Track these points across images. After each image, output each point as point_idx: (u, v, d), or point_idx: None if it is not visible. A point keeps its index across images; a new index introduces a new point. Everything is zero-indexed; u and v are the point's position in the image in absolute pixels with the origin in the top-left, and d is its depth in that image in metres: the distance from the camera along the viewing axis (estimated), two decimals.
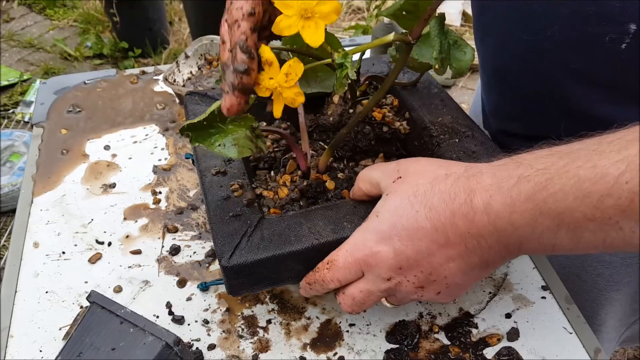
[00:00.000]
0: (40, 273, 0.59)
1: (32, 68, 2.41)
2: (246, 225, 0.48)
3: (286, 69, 0.42)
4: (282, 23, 0.41)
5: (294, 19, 0.41)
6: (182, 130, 0.45)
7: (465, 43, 0.50)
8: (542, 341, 0.53)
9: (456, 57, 0.48)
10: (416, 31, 0.44)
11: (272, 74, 0.42)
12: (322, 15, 0.40)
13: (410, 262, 0.41)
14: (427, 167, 0.43)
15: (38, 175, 0.71)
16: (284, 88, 0.42)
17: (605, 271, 0.65)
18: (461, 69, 0.48)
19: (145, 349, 0.44)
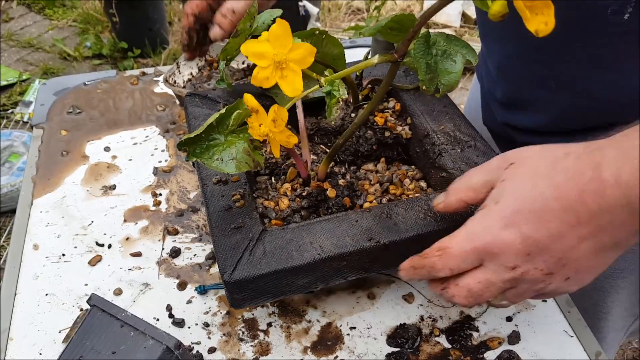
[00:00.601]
0: (40, 275, 0.59)
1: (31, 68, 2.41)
2: (248, 238, 0.47)
3: (272, 115, 0.42)
4: (259, 75, 0.42)
5: (270, 70, 0.41)
6: (180, 145, 0.46)
7: (456, 50, 0.46)
8: (543, 344, 0.53)
9: (446, 69, 0.46)
10: (401, 50, 0.44)
11: (261, 120, 0.43)
12: (297, 61, 0.41)
13: (540, 246, 0.38)
14: (542, 150, 0.41)
15: (38, 177, 0.71)
16: (275, 133, 0.43)
17: None
18: (451, 84, 0.46)
19: (146, 353, 0.44)
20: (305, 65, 0.41)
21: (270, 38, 0.41)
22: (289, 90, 0.42)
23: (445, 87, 0.45)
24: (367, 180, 0.58)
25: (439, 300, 0.56)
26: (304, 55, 0.41)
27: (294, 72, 0.41)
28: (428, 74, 0.45)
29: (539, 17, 0.33)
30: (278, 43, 0.41)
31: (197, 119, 0.62)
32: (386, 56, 0.44)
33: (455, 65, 0.45)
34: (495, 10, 0.34)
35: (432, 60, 0.45)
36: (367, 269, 0.49)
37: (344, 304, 0.56)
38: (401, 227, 0.48)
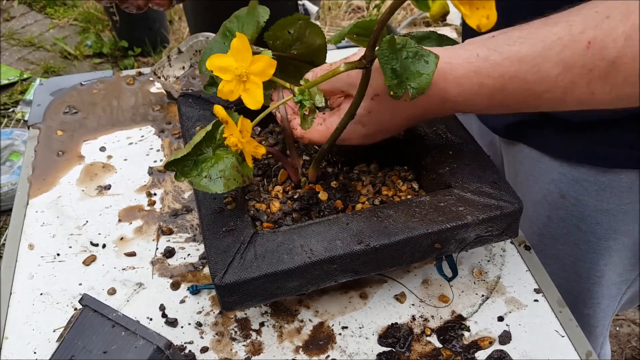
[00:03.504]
0: (35, 275, 0.60)
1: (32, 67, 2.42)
2: (239, 241, 0.48)
3: (239, 126, 0.44)
4: (224, 88, 0.43)
5: (234, 83, 0.42)
6: (167, 166, 0.46)
7: (428, 52, 0.45)
8: (534, 344, 0.53)
9: (417, 71, 0.45)
10: (368, 55, 0.44)
11: (231, 131, 0.44)
12: (258, 74, 0.42)
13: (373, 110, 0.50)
14: None
15: (34, 177, 0.71)
16: (244, 143, 0.44)
17: (603, 219, 0.66)
18: (422, 86, 0.45)
19: (136, 353, 0.44)
20: (267, 76, 0.42)
21: (232, 52, 0.42)
22: (251, 103, 0.42)
23: (416, 90, 0.45)
24: (360, 181, 0.58)
25: (430, 300, 0.57)
26: (264, 68, 0.42)
27: (255, 84, 0.42)
28: (394, 79, 0.44)
29: (480, 11, 0.33)
30: (239, 57, 0.42)
31: (190, 120, 0.63)
32: (352, 63, 0.44)
33: (427, 66, 0.45)
34: (435, 11, 0.34)
35: (398, 64, 0.44)
36: (358, 271, 0.49)
37: (336, 303, 0.56)
38: (391, 230, 0.48)
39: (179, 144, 0.76)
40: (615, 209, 0.65)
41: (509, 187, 0.53)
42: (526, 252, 0.61)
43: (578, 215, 0.67)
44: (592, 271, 0.71)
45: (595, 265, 0.70)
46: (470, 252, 0.61)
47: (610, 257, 0.69)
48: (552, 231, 0.70)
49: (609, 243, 0.68)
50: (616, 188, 0.63)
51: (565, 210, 0.68)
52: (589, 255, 0.70)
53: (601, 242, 0.68)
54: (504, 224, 0.51)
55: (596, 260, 0.70)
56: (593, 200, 0.65)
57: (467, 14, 0.33)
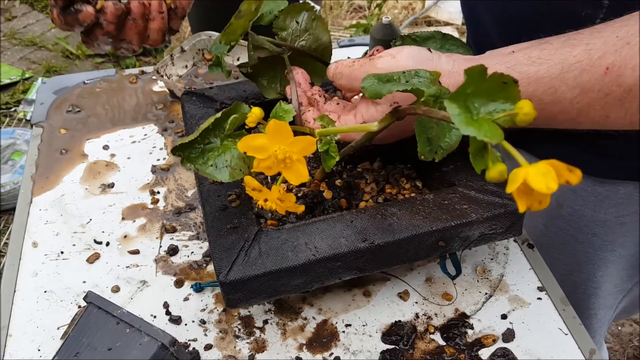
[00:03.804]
0: (39, 273, 0.60)
1: (34, 66, 2.42)
2: (243, 238, 0.48)
3: (277, 194, 0.43)
4: (261, 165, 0.42)
5: (271, 160, 0.41)
6: (174, 151, 0.46)
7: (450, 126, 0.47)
8: (538, 342, 0.53)
9: (448, 125, 0.46)
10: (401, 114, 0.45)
11: (265, 197, 0.44)
12: (299, 152, 0.41)
13: None
14: None
15: (37, 175, 0.71)
16: (282, 207, 0.44)
17: (600, 230, 0.66)
18: (451, 145, 0.47)
19: (141, 350, 0.45)
20: (308, 152, 0.41)
21: (268, 134, 0.41)
22: (294, 179, 0.42)
23: (444, 150, 0.47)
24: (364, 179, 0.58)
25: (434, 298, 0.57)
26: (306, 146, 0.41)
27: (298, 162, 0.41)
28: (427, 147, 0.46)
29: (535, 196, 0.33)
30: (277, 139, 0.40)
31: (194, 118, 0.63)
32: (385, 120, 0.45)
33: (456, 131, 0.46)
34: (492, 176, 0.35)
35: (432, 133, 0.46)
36: (362, 269, 0.50)
37: (340, 301, 0.56)
38: (395, 228, 0.49)
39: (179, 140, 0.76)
40: (613, 221, 0.65)
41: None
42: (529, 250, 0.62)
43: (575, 225, 0.67)
44: (588, 282, 0.71)
45: (591, 276, 0.70)
46: (473, 251, 0.61)
47: (607, 268, 0.69)
48: (549, 240, 0.70)
49: (606, 254, 0.68)
50: (614, 199, 0.63)
51: (562, 219, 0.68)
52: (585, 266, 0.70)
53: (598, 253, 0.68)
54: (508, 222, 0.51)
55: (593, 271, 0.70)
56: (590, 211, 0.65)
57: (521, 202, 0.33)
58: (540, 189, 0.31)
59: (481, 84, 0.35)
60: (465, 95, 0.36)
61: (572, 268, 0.70)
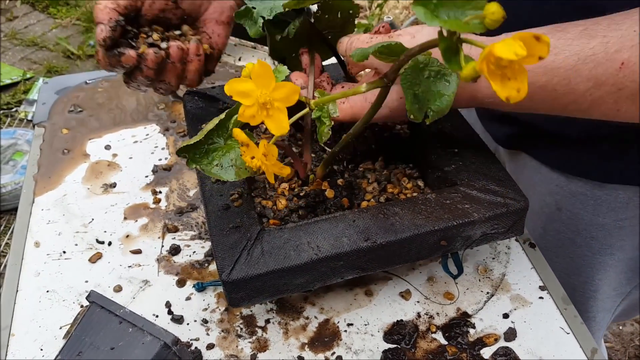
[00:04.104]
0: (41, 272, 0.60)
1: (35, 66, 2.42)
2: (246, 238, 0.48)
3: (262, 150, 0.43)
4: (245, 113, 0.41)
5: (255, 108, 0.41)
6: (179, 152, 0.46)
7: (450, 71, 0.45)
8: (539, 341, 0.53)
9: (438, 91, 0.45)
10: (390, 76, 0.44)
11: (252, 153, 0.43)
12: (282, 100, 0.41)
13: None
14: None
15: (39, 175, 0.72)
16: (268, 165, 0.43)
17: (598, 234, 0.66)
18: (441, 109, 0.45)
19: (143, 349, 0.45)
20: (290, 102, 0.41)
21: (253, 78, 0.40)
22: (275, 128, 0.41)
23: (435, 113, 0.45)
24: (365, 179, 0.58)
25: (435, 298, 0.57)
26: (288, 94, 0.40)
27: (279, 110, 0.41)
28: (415, 104, 0.45)
29: (512, 82, 0.32)
30: (261, 83, 0.40)
31: (196, 118, 0.63)
32: (375, 82, 0.44)
33: (448, 86, 0.44)
34: (466, 74, 0.34)
35: (419, 89, 0.45)
36: (364, 268, 0.50)
37: (342, 300, 0.57)
38: (397, 227, 0.49)
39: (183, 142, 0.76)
40: (611, 224, 0.65)
41: (514, 184, 0.53)
42: (531, 249, 0.62)
43: (573, 228, 0.67)
44: (587, 285, 0.71)
45: (590, 279, 0.70)
46: (475, 250, 0.61)
47: (606, 272, 0.69)
48: (547, 243, 0.70)
49: (604, 258, 0.68)
50: (613, 203, 0.63)
51: (561, 223, 0.68)
52: (584, 270, 0.70)
53: (596, 257, 0.68)
54: (510, 221, 0.51)
55: (591, 274, 0.70)
56: (589, 215, 0.65)
57: (498, 87, 0.32)
58: (507, 56, 0.30)
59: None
60: (431, 3, 0.35)
61: (570, 271, 0.70)
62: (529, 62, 0.31)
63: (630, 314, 0.78)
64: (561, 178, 0.66)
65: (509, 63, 0.31)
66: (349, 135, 0.50)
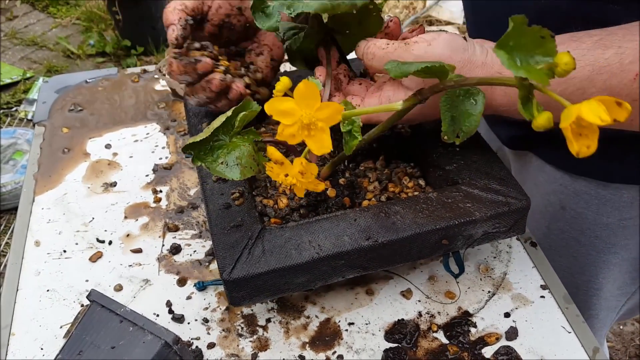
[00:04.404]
0: (41, 271, 0.60)
1: (35, 66, 2.42)
2: (247, 236, 0.48)
3: (298, 167, 0.42)
4: (285, 132, 0.40)
5: (296, 127, 0.40)
6: (184, 149, 0.46)
7: (477, 90, 0.46)
8: (541, 340, 0.53)
9: (466, 110, 0.46)
10: (426, 94, 0.44)
11: (286, 171, 0.43)
12: (325, 120, 0.39)
13: None
14: None
15: (39, 174, 0.71)
16: (304, 183, 0.43)
17: (602, 233, 0.66)
18: (470, 129, 0.46)
19: (144, 348, 0.45)
20: (334, 122, 0.40)
21: (296, 98, 0.39)
22: (317, 149, 0.40)
23: (465, 134, 0.46)
24: (367, 178, 0.58)
25: (436, 297, 0.57)
26: (332, 114, 0.39)
27: (322, 130, 0.40)
28: (452, 126, 0.46)
29: (583, 139, 0.34)
30: (305, 103, 0.39)
31: (197, 117, 0.63)
32: (410, 100, 0.45)
33: (475, 106, 0.45)
34: (540, 123, 0.35)
35: (457, 112, 0.46)
36: (366, 267, 0.50)
37: (343, 300, 0.56)
38: (399, 226, 0.49)
39: (184, 141, 0.76)
40: (615, 224, 0.65)
41: (516, 183, 0.53)
42: (532, 248, 0.61)
43: (577, 228, 0.68)
44: (590, 284, 0.71)
45: (594, 278, 0.70)
46: (476, 249, 0.61)
47: (609, 271, 0.69)
48: (551, 242, 0.70)
49: (608, 257, 0.68)
50: (617, 203, 0.63)
51: (565, 222, 0.68)
52: (587, 268, 0.70)
53: (600, 256, 0.68)
54: (512, 220, 0.51)
55: (595, 273, 0.70)
56: (593, 214, 0.65)
57: (572, 141, 0.34)
58: (593, 121, 0.32)
59: (521, 38, 0.35)
60: (509, 47, 0.36)
61: (574, 270, 0.70)
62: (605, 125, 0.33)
63: (635, 312, 0.78)
64: (565, 177, 0.66)
65: (588, 124, 0.33)
66: (362, 141, 0.50)
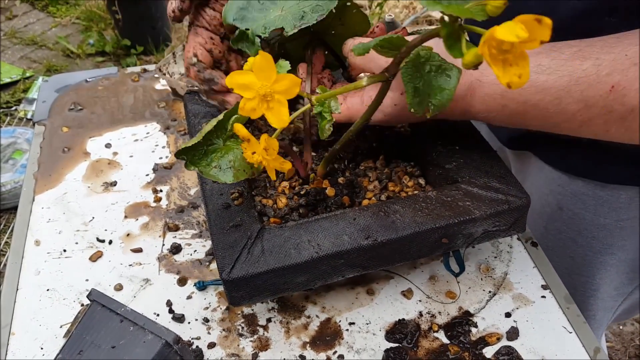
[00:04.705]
0: (41, 271, 0.60)
1: (34, 65, 2.42)
2: (246, 236, 0.48)
3: (263, 144, 0.42)
4: (246, 106, 0.41)
5: (256, 101, 0.41)
6: (177, 154, 0.46)
7: (451, 66, 0.44)
8: (542, 340, 0.53)
9: (439, 86, 0.44)
10: (392, 70, 0.44)
11: (253, 149, 0.43)
12: (282, 92, 0.40)
13: None
14: None
15: (39, 173, 0.71)
16: (269, 160, 0.43)
17: (599, 234, 0.66)
18: (442, 103, 0.44)
19: (145, 347, 0.44)
20: (291, 95, 0.41)
21: (254, 70, 0.40)
22: (275, 121, 0.41)
23: (436, 107, 0.44)
24: (366, 177, 0.58)
25: (437, 297, 0.57)
26: (289, 87, 0.40)
27: (279, 103, 0.41)
28: (416, 98, 0.44)
29: (513, 68, 0.32)
30: (262, 75, 0.40)
31: (197, 117, 0.63)
32: (376, 77, 0.44)
33: (449, 80, 0.44)
34: (468, 60, 0.33)
35: (420, 82, 0.44)
36: (365, 266, 0.49)
37: (343, 299, 0.56)
38: (398, 225, 0.48)
39: (184, 140, 0.76)
40: (613, 225, 0.65)
41: (516, 181, 0.53)
42: (533, 248, 0.61)
43: (575, 228, 0.68)
44: (587, 284, 0.71)
45: (591, 279, 0.70)
46: (477, 249, 0.61)
47: (606, 272, 0.69)
48: (549, 242, 0.70)
49: (605, 258, 0.68)
50: (615, 204, 0.63)
51: (562, 222, 0.68)
52: (584, 269, 0.70)
53: (597, 257, 0.68)
54: (512, 218, 0.51)
55: (592, 274, 0.70)
56: (590, 215, 0.65)
57: (500, 72, 0.32)
58: (509, 38, 0.30)
59: None
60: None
61: (571, 270, 0.70)
62: (530, 47, 0.31)
63: (633, 312, 0.78)
64: (563, 178, 0.66)
65: (510, 47, 0.31)
66: (349, 133, 0.50)
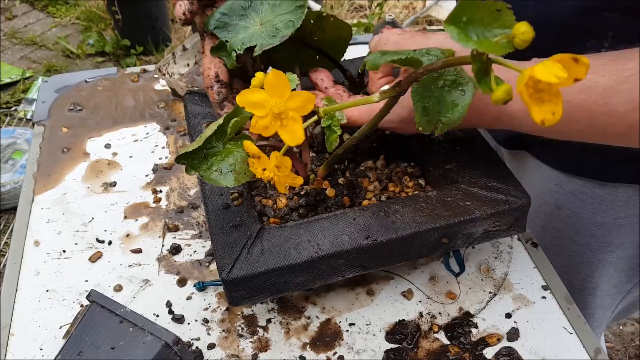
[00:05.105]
0: (40, 271, 0.60)
1: (34, 65, 2.42)
2: (246, 236, 0.48)
3: (275, 162, 0.42)
4: (258, 124, 0.40)
5: (269, 118, 0.40)
6: (178, 159, 0.45)
7: (467, 80, 0.43)
8: (542, 341, 0.53)
9: (452, 102, 0.43)
10: (404, 86, 0.43)
11: (264, 165, 0.42)
12: (297, 109, 0.39)
13: None
14: None
15: (39, 174, 0.71)
16: (280, 176, 0.42)
17: (597, 232, 0.66)
18: (453, 120, 0.43)
19: (144, 348, 0.44)
20: (305, 111, 0.39)
21: (265, 87, 0.39)
22: (289, 139, 0.40)
23: (445, 125, 0.44)
24: (367, 177, 0.58)
25: (437, 297, 0.56)
26: (303, 103, 0.39)
27: (293, 120, 0.39)
28: (424, 117, 0.44)
29: (546, 105, 0.32)
30: (275, 92, 0.39)
31: (196, 117, 0.62)
32: (388, 92, 0.43)
33: (463, 97, 0.43)
34: (498, 96, 0.33)
35: (430, 102, 0.43)
36: (365, 266, 0.49)
37: (343, 300, 0.56)
38: (398, 225, 0.48)
39: (184, 141, 0.76)
40: (611, 223, 0.65)
41: (516, 181, 0.52)
42: (533, 249, 0.61)
43: (573, 227, 0.67)
44: (586, 282, 0.71)
45: (589, 277, 0.70)
46: (477, 249, 0.61)
47: (605, 270, 0.69)
48: (547, 241, 0.70)
49: (604, 256, 0.68)
50: (613, 202, 0.63)
51: (560, 221, 0.68)
52: (583, 267, 0.70)
53: (595, 255, 0.68)
54: (512, 218, 0.51)
55: (590, 272, 0.70)
56: (588, 213, 0.65)
57: (534, 109, 0.32)
58: (549, 79, 0.30)
59: (475, 13, 0.34)
60: (461, 22, 0.34)
61: (569, 269, 0.70)
62: (565, 84, 0.31)
63: (632, 310, 0.78)
64: (561, 177, 0.66)
65: (546, 86, 0.31)
66: (353, 139, 0.50)
